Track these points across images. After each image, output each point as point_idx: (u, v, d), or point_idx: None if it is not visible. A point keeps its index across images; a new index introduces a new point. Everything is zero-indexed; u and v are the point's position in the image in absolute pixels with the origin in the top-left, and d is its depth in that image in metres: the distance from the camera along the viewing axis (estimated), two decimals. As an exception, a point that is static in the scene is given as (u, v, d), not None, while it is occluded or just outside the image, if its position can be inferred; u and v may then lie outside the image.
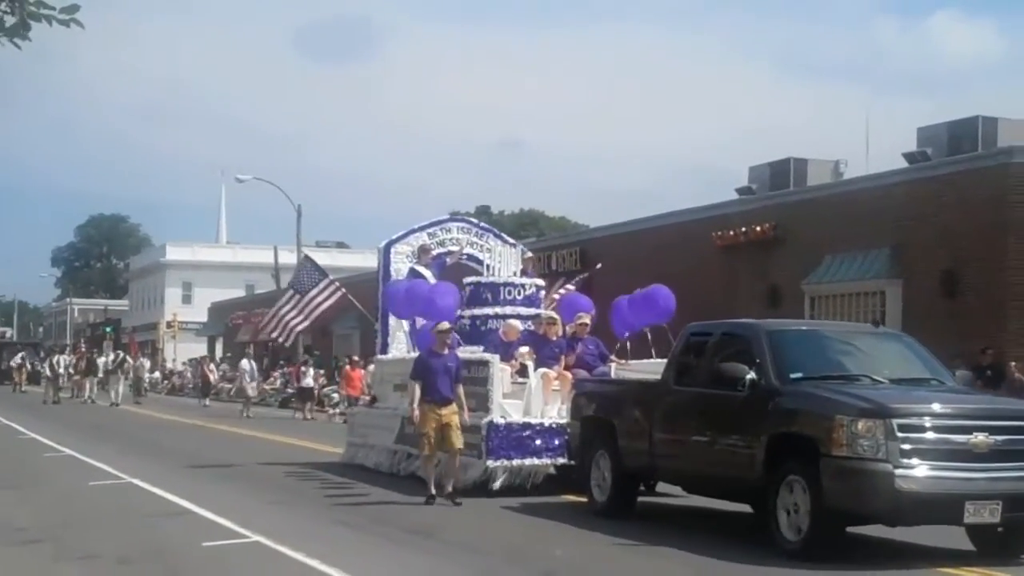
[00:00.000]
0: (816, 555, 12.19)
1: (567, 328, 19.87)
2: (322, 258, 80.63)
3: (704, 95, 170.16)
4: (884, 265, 31.25)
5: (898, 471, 11.77)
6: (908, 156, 33.95)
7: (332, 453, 24.77)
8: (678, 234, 38.08)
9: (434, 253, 22.75)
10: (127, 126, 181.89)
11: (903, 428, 11.91)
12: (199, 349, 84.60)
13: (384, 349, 22.99)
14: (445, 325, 17.71)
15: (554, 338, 19.44)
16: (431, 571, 12.41)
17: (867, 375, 13.52)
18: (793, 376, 13.19)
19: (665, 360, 17.81)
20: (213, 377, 57.74)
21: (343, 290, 24.51)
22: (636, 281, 22.13)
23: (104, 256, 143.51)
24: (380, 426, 21.71)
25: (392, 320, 22.66)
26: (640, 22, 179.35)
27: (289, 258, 60.30)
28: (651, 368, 17.97)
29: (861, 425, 11.90)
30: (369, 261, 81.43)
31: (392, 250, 23.09)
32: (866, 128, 75.95)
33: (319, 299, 24.27)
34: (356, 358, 43.98)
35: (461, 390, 17.23)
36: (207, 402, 52.80)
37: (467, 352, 18.99)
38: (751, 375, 13.16)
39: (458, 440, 16.90)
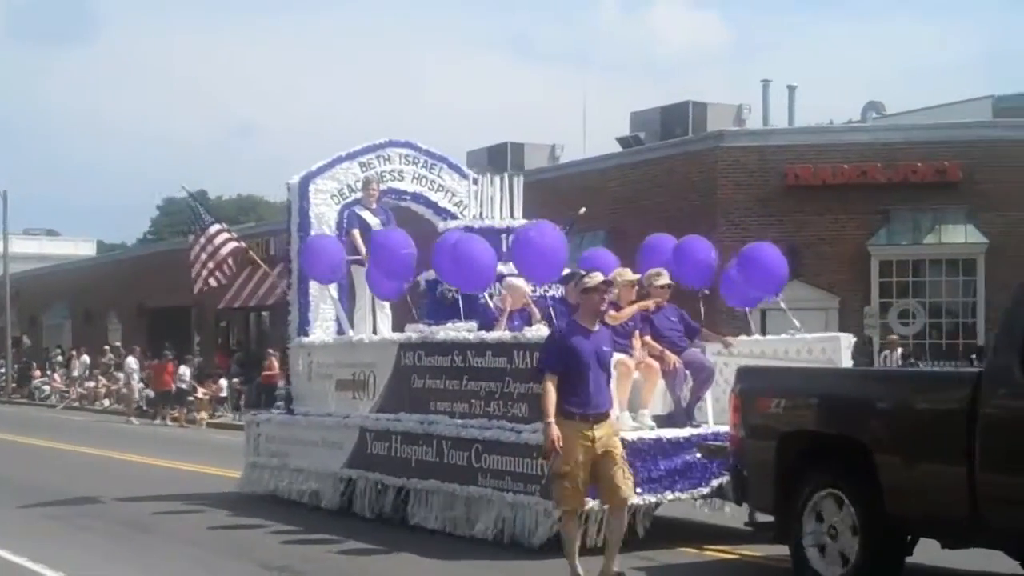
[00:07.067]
0: None
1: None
2: (31, 246, 78.20)
3: (430, 80, 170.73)
4: (599, 247, 31.94)
5: None
6: (622, 140, 34.82)
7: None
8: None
9: (379, 190, 17.34)
10: None
11: None
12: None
13: (303, 328, 16.71)
14: (598, 276, 10.40)
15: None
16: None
17: None
18: None
19: (780, 338, 14.02)
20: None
21: (241, 242, 18.79)
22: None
23: None
24: (314, 441, 15.71)
25: (314, 288, 16.60)
26: (370, 9, 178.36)
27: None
28: (761, 349, 13.79)
29: None
30: (82, 249, 79.34)
31: (310, 188, 16.82)
32: (583, 113, 77.80)
33: (216, 243, 18.25)
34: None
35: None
36: None
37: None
38: None
39: (628, 485, 10.03)
